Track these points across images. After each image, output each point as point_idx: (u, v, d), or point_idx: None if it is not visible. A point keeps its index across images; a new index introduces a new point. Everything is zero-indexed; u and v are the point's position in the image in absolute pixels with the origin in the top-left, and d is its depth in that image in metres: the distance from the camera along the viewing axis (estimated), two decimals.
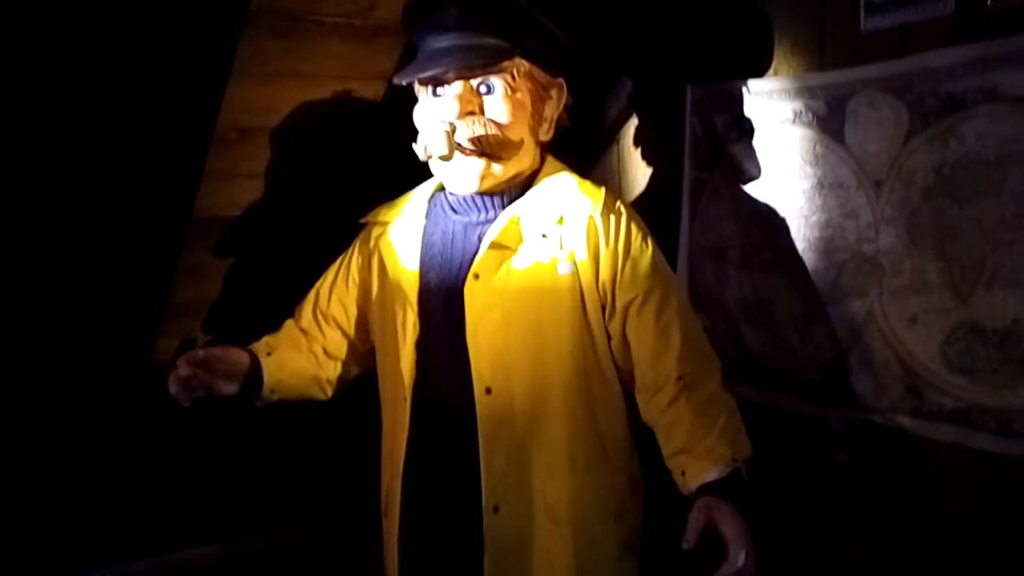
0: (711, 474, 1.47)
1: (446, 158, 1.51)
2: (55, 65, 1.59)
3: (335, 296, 1.74)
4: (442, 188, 1.65)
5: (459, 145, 1.50)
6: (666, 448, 1.54)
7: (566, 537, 1.54)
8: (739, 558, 1.42)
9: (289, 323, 1.77)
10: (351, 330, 1.74)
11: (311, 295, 1.77)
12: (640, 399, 1.58)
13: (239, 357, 1.67)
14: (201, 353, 1.64)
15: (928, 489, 1.66)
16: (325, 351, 1.75)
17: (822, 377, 1.78)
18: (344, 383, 1.78)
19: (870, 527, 1.75)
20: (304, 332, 1.75)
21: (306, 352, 1.74)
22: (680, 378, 1.53)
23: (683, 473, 1.51)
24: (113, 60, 1.62)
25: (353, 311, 1.74)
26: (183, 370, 1.61)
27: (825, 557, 1.82)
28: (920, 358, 1.62)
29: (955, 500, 1.62)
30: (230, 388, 1.66)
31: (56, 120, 1.65)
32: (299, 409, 1.80)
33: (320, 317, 1.75)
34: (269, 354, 1.70)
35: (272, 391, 1.70)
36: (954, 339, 1.58)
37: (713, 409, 1.52)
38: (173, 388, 1.61)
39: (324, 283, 1.76)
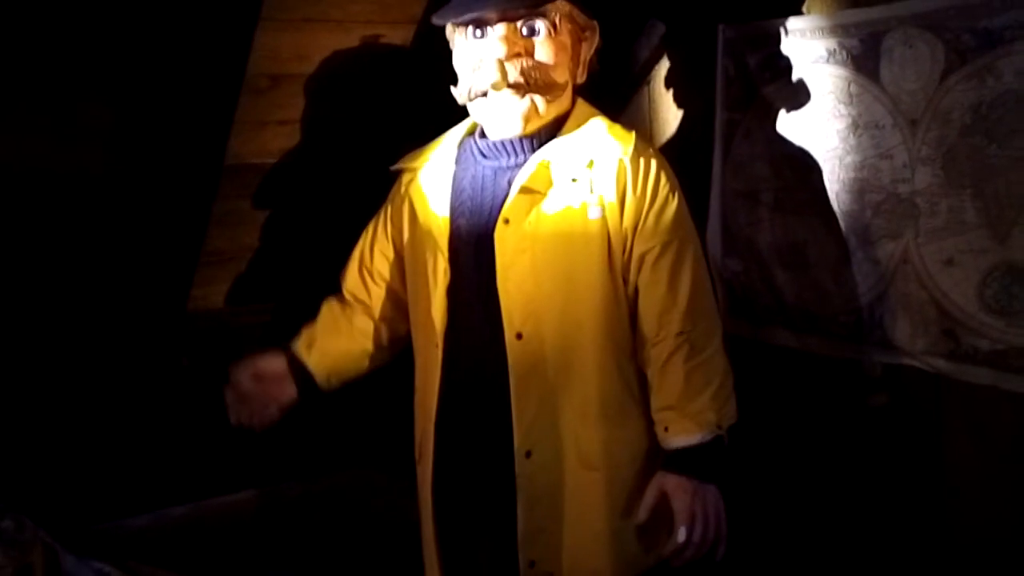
0: (694, 437, 1.49)
1: (498, 86, 1.49)
2: (85, 15, 1.60)
3: (377, 250, 1.75)
4: (471, 133, 1.65)
5: (509, 85, 1.49)
6: (655, 401, 1.55)
7: (599, 482, 1.55)
8: (680, 534, 1.46)
9: (325, 308, 1.78)
10: (397, 283, 1.75)
11: (355, 255, 1.78)
12: (639, 348, 1.57)
13: (270, 363, 1.72)
14: (232, 378, 1.72)
15: (964, 433, 1.64)
16: (373, 315, 1.76)
17: (856, 320, 1.76)
18: (400, 343, 1.78)
19: (904, 470, 1.75)
20: (348, 302, 1.77)
21: (346, 333, 1.76)
22: (681, 333, 1.52)
23: (666, 429, 1.52)
24: (142, 8, 1.63)
25: (396, 262, 1.75)
26: (227, 397, 1.72)
27: (859, 499, 1.82)
28: (956, 300, 1.60)
29: (992, 444, 1.61)
30: (289, 392, 1.73)
31: (87, 70, 1.67)
32: None
33: (367, 275, 1.76)
34: (310, 347, 1.74)
35: (328, 379, 1.74)
36: (991, 280, 1.55)
37: (708, 371, 1.53)
38: (234, 419, 1.72)
39: (365, 240, 1.77)
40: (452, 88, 1.57)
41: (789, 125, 1.83)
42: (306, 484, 2.16)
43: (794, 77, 1.79)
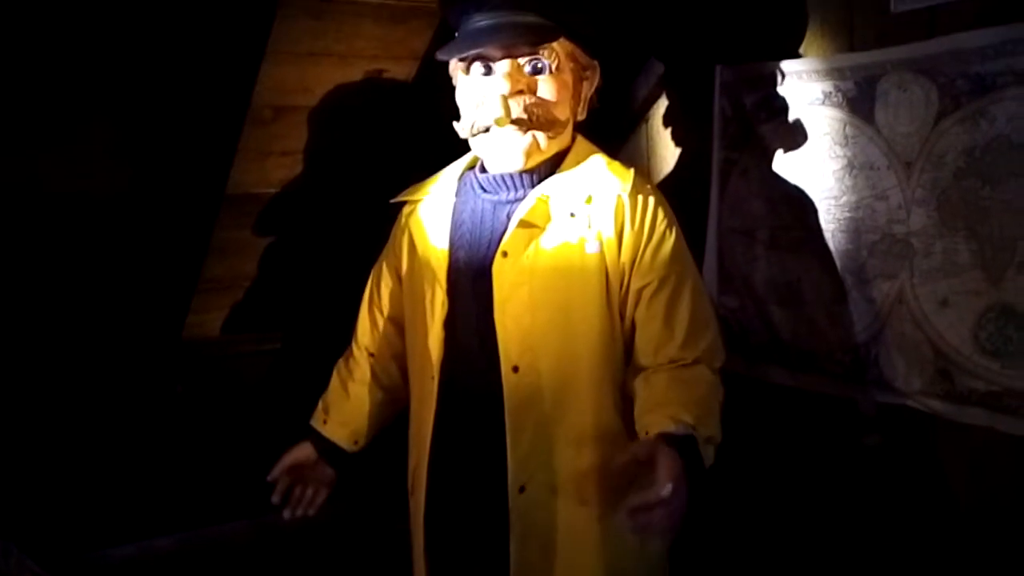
0: (669, 428, 1.42)
1: (501, 122, 1.51)
2: (94, 42, 1.62)
3: (383, 285, 1.76)
4: (472, 167, 1.66)
5: (512, 120, 1.51)
6: (637, 411, 1.51)
7: (593, 518, 1.53)
8: (666, 488, 1.33)
9: (334, 373, 1.81)
10: (402, 316, 1.75)
11: (366, 296, 1.79)
12: (629, 373, 1.57)
13: (298, 453, 1.75)
14: (272, 480, 1.76)
15: (960, 474, 1.65)
16: (383, 356, 1.77)
17: (852, 359, 1.77)
18: None
19: (900, 511, 1.74)
20: (353, 357, 1.79)
21: (354, 393, 1.78)
22: (673, 361, 1.53)
23: (647, 432, 1.46)
24: (151, 38, 1.65)
25: (399, 294, 1.75)
26: (274, 499, 1.75)
27: (853, 540, 1.81)
28: (951, 341, 1.61)
29: (987, 485, 1.61)
30: (326, 472, 1.77)
31: (93, 96, 1.68)
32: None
33: (376, 312, 1.78)
34: (325, 422, 1.77)
35: (355, 443, 1.78)
36: (986, 322, 1.56)
37: (693, 385, 1.51)
38: (288, 515, 1.76)
39: (373, 280, 1.79)
40: (454, 123, 1.59)
41: (785, 165, 1.85)
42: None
43: (790, 118, 1.82)
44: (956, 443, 1.64)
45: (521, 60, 1.53)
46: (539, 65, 1.53)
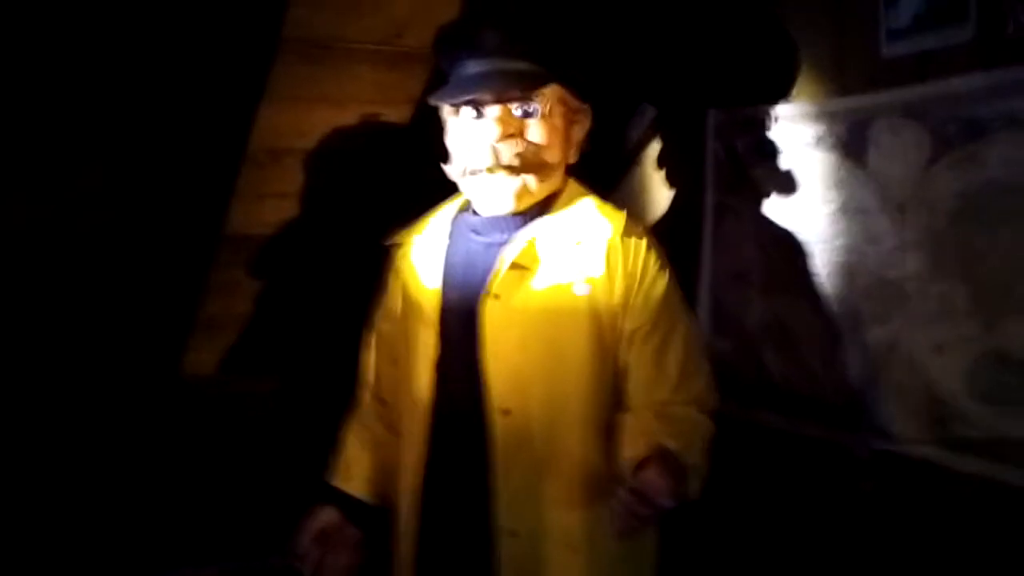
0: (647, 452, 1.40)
1: (492, 169, 1.53)
2: (91, 84, 1.65)
3: (383, 329, 1.75)
4: (464, 209, 1.67)
5: (501, 165, 1.52)
6: (620, 441, 1.49)
7: (583, 562, 1.52)
8: (656, 485, 1.32)
9: (347, 430, 1.78)
10: None
11: (369, 341, 1.77)
12: (618, 412, 1.56)
13: (323, 518, 1.68)
14: (301, 552, 1.67)
15: (954, 522, 1.62)
16: (393, 399, 1.75)
17: (845, 404, 1.75)
18: None
19: (894, 558, 1.71)
20: (363, 406, 1.76)
21: (371, 443, 1.74)
22: (665, 404, 1.52)
23: (628, 458, 1.44)
24: (150, 81, 1.68)
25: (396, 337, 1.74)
26: (305, 571, 1.65)
27: None
28: (946, 387, 1.59)
29: (981, 535, 1.58)
30: (355, 534, 1.69)
31: (92, 139, 1.71)
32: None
33: (380, 357, 1.76)
34: (349, 478, 1.72)
35: (381, 498, 1.72)
36: (980, 368, 1.54)
37: (679, 420, 1.50)
38: None
39: (373, 324, 1.77)
40: (445, 165, 1.60)
41: (777, 208, 1.85)
42: (288, 557, 2.13)
43: (782, 161, 1.83)
44: (952, 491, 1.62)
45: (512, 105, 1.54)
46: (529, 109, 1.54)
